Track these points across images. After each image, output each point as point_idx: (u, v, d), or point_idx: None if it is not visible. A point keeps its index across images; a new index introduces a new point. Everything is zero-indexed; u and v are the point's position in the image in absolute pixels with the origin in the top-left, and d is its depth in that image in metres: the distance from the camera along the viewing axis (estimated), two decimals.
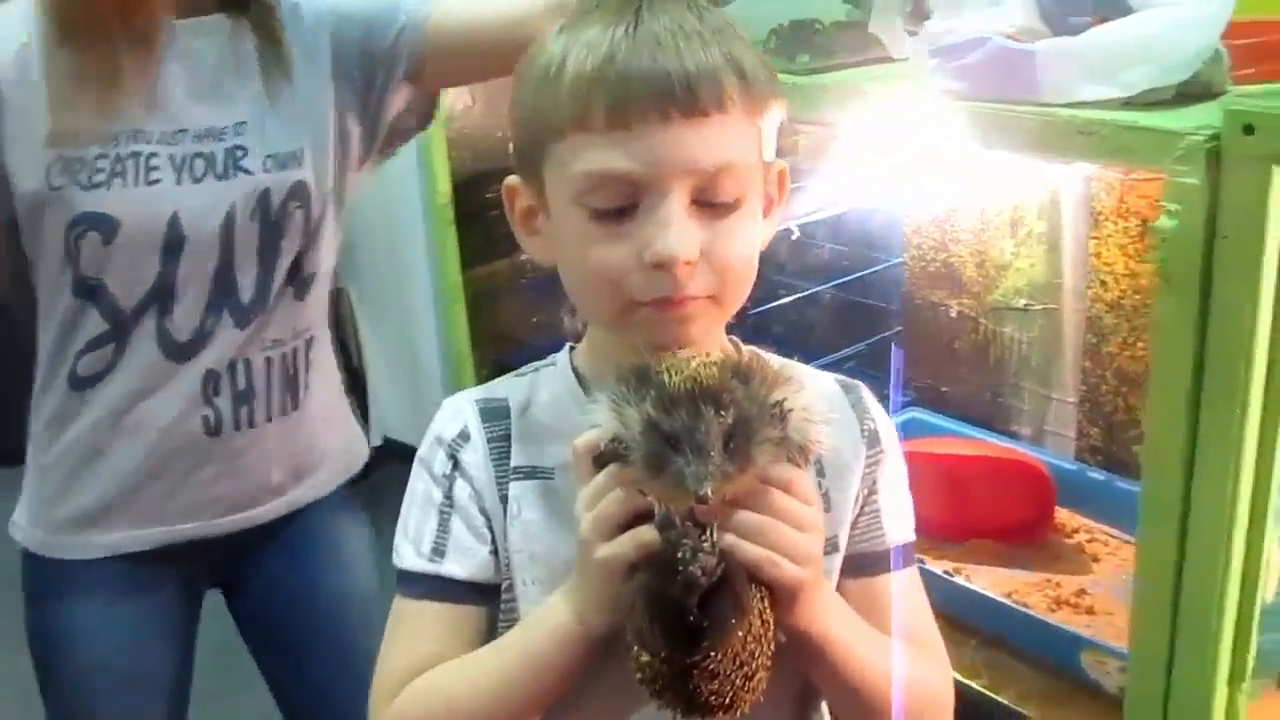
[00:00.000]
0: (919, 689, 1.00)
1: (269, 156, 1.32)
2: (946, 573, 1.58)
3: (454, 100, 2.12)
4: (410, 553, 0.99)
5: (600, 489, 0.84)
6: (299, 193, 1.34)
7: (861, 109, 1.29)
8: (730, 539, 0.82)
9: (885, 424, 1.06)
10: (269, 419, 1.39)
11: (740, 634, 0.81)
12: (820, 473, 1.00)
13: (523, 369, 1.05)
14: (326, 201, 1.37)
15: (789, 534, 0.83)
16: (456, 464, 0.99)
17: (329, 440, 1.49)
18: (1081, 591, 1.55)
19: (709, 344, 0.98)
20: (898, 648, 1.00)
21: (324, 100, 1.36)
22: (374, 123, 1.41)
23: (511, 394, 1.02)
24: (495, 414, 1.01)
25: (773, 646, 0.85)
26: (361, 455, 1.57)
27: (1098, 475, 1.70)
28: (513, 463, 0.99)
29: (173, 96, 1.30)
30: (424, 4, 1.37)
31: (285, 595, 1.51)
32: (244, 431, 1.38)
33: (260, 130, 1.32)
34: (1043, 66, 1.12)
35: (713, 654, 0.80)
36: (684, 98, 0.86)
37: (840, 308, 2.08)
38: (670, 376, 0.80)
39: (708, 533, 0.81)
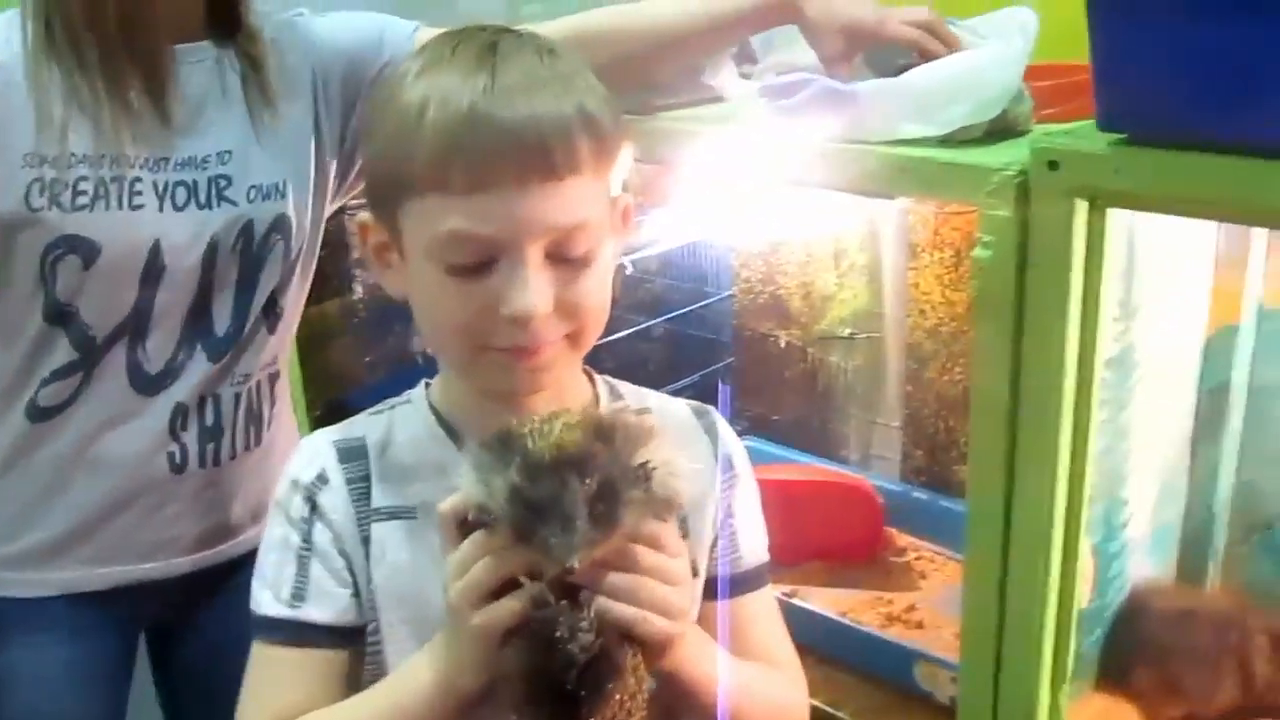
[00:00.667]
0: (784, 710, 1.06)
1: (252, 187, 1.30)
2: (784, 595, 1.62)
3: None
4: (269, 599, 0.98)
5: (468, 556, 0.85)
6: (281, 225, 1.32)
7: (693, 149, 1.34)
8: (603, 602, 0.84)
9: (738, 448, 1.11)
10: (233, 456, 1.36)
11: (617, 697, 0.84)
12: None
13: (379, 407, 1.05)
14: (305, 235, 1.35)
15: (659, 590, 0.86)
16: (315, 507, 0.99)
17: None
18: (911, 607, 1.62)
19: (565, 383, 1.01)
20: (762, 671, 1.04)
21: (305, 133, 1.34)
22: (347, 160, 1.39)
23: (369, 433, 1.02)
24: (353, 454, 1.01)
25: (646, 698, 0.88)
26: None
27: (922, 495, 1.77)
28: (374, 503, 0.99)
29: (159, 123, 1.26)
30: (407, 39, 1.35)
31: (226, 642, 1.44)
32: (209, 469, 1.35)
33: (244, 161, 1.30)
34: (866, 106, 1.18)
35: None
36: (540, 164, 0.89)
37: (673, 341, 2.12)
38: (534, 442, 0.81)
39: (585, 611, 0.83)
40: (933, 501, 1.75)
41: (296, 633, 0.98)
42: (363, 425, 1.04)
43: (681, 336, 2.10)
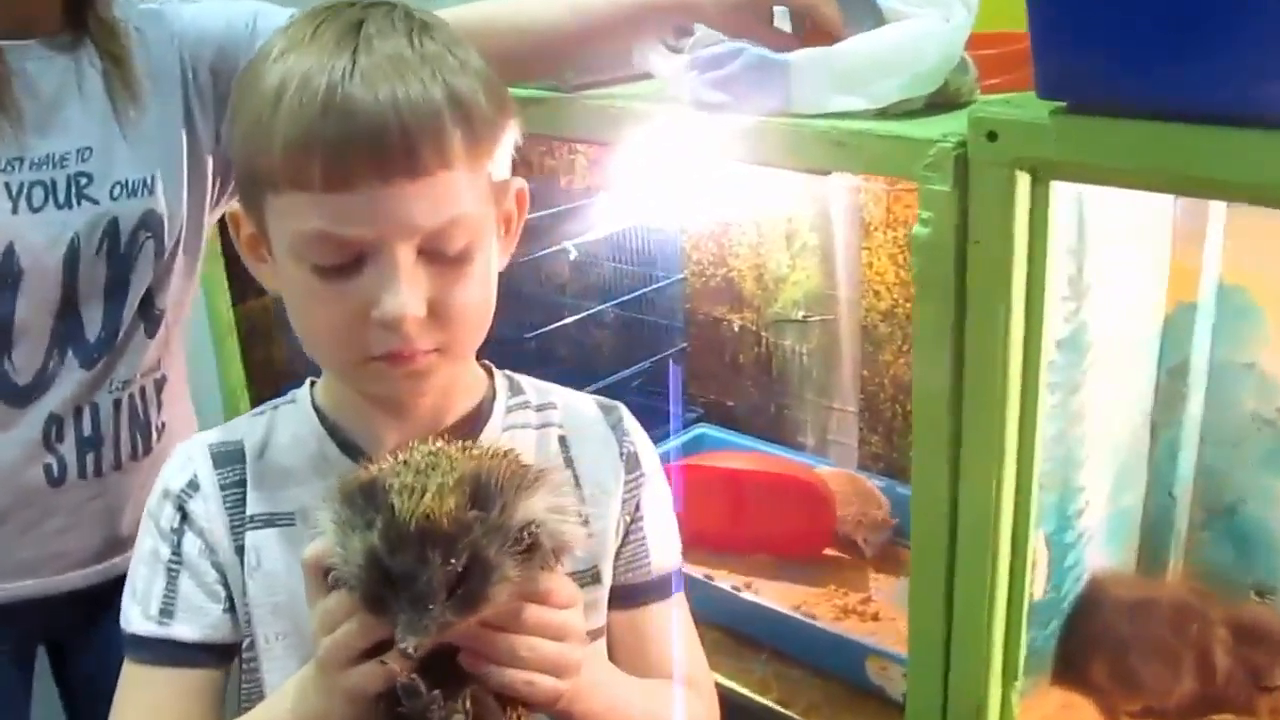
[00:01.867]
0: None
1: (117, 184, 1.21)
2: (735, 588, 1.57)
3: None
4: (138, 615, 0.92)
5: (333, 614, 0.78)
6: (150, 222, 1.24)
7: (624, 127, 1.27)
8: (486, 668, 0.78)
9: (646, 446, 1.05)
10: (118, 466, 1.28)
11: None
12: (579, 499, 0.97)
13: (261, 407, 0.99)
14: (181, 233, 1.27)
15: (548, 650, 0.80)
16: (185, 516, 0.93)
17: None
18: (866, 599, 1.56)
19: (456, 383, 0.96)
20: (668, 692, 0.99)
21: (175, 125, 1.26)
22: (225, 154, 1.31)
23: (248, 435, 0.96)
24: (228, 459, 0.95)
25: None
26: None
27: (879, 482, 1.72)
28: (249, 510, 0.93)
29: (6, 122, 1.17)
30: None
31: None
32: (90, 481, 1.27)
33: (107, 157, 1.21)
34: (795, 78, 1.13)
35: None
36: (405, 159, 0.81)
37: (624, 326, 2.07)
38: (401, 503, 0.74)
39: (461, 701, 0.77)
40: (889, 489, 1.69)
41: (165, 651, 0.92)
42: (243, 427, 0.98)
43: (632, 322, 2.04)
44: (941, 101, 1.16)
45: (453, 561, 0.73)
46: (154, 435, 1.32)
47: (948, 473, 1.10)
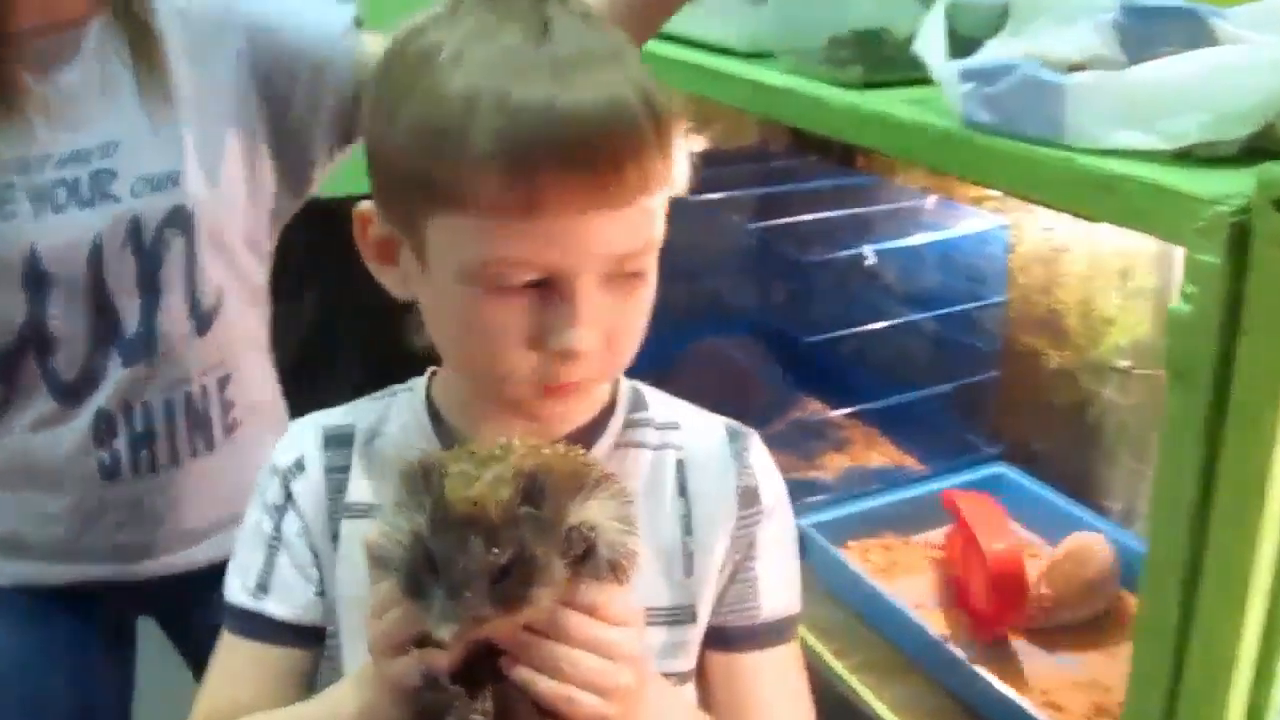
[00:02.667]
0: None
1: (140, 179, 1.19)
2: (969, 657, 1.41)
3: None
4: (237, 586, 0.92)
5: (385, 601, 0.75)
6: (176, 219, 1.21)
7: (897, 137, 1.15)
8: (524, 674, 0.73)
9: (770, 480, 0.95)
10: (175, 463, 1.29)
11: None
12: (687, 530, 0.90)
13: (380, 392, 0.96)
14: (224, 226, 1.26)
15: (592, 665, 0.74)
16: (289, 494, 0.92)
17: None
18: None
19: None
20: None
21: (219, 113, 1.24)
22: (298, 154, 1.29)
23: (361, 420, 0.94)
24: (339, 442, 0.93)
25: None
26: None
27: None
28: (349, 498, 0.91)
29: (31, 119, 1.18)
30: (356, 38, 1.25)
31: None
32: (145, 476, 1.27)
33: (133, 150, 1.20)
34: (1072, 103, 0.96)
35: None
36: (614, 190, 0.75)
37: (933, 341, 1.91)
38: (453, 486, 0.70)
39: (480, 701, 0.73)
40: None
41: (257, 625, 0.92)
42: (360, 411, 0.95)
43: (942, 339, 1.87)
44: (1262, 147, 0.95)
45: (495, 552, 0.69)
46: (220, 432, 1.31)
47: (1179, 603, 0.91)
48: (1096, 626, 1.48)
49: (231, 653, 0.92)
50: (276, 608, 0.91)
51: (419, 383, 0.95)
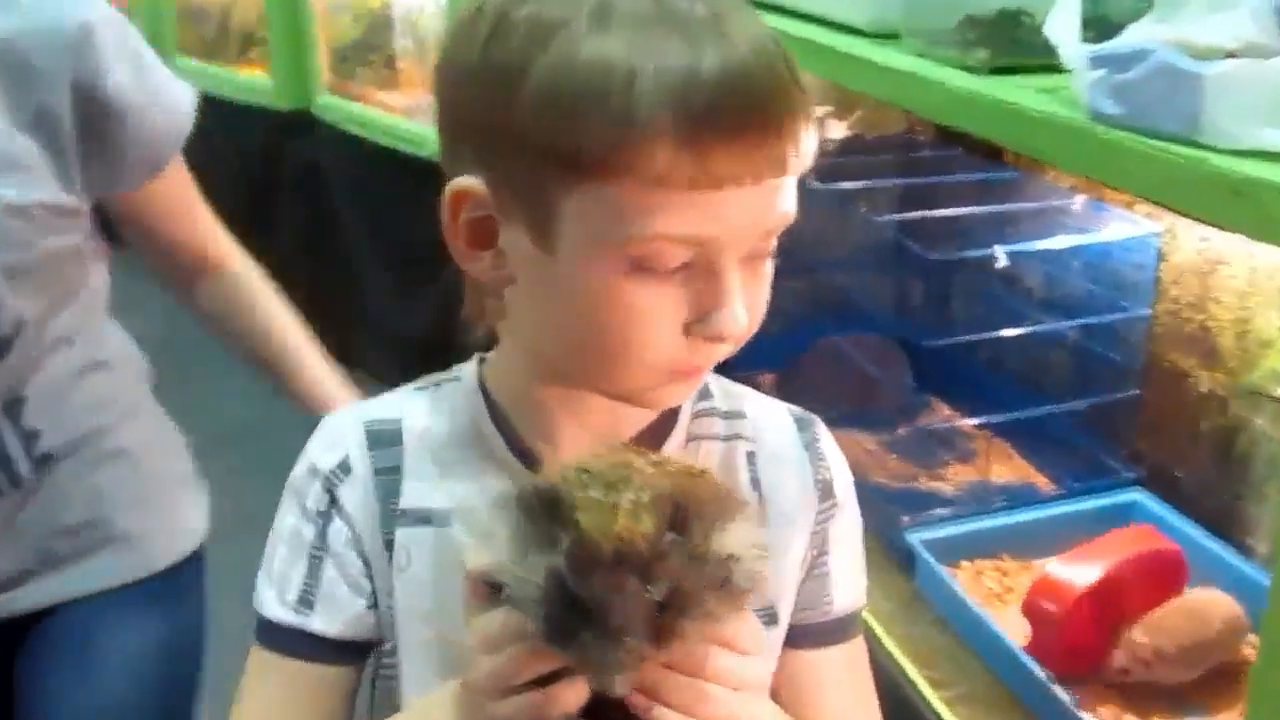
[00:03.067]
0: None
1: None
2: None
3: None
4: (273, 599, 0.85)
5: (497, 636, 0.67)
6: None
7: (1019, 132, 1.04)
8: (656, 712, 0.67)
9: (841, 471, 0.90)
10: None
11: None
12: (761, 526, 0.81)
13: (422, 381, 0.88)
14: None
15: (724, 698, 0.68)
16: (334, 500, 0.84)
17: (108, 524, 1.26)
18: None
19: None
20: None
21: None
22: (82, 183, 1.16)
23: (407, 414, 0.86)
24: (384, 439, 0.85)
25: None
26: (189, 540, 1.35)
27: None
28: (403, 503, 0.84)
29: None
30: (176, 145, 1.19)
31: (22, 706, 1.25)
32: None
33: None
34: (1211, 96, 0.84)
35: None
36: (779, 157, 0.70)
37: (1070, 352, 1.78)
38: (590, 521, 0.63)
39: None
40: None
41: (300, 643, 0.84)
42: (400, 403, 0.88)
43: (1082, 350, 1.74)
44: None
45: (649, 590, 0.63)
46: (22, 467, 1.19)
47: None
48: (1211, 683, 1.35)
49: (269, 671, 0.85)
50: (323, 623, 0.84)
51: (466, 371, 0.87)
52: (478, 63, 0.73)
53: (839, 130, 2.08)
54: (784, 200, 0.73)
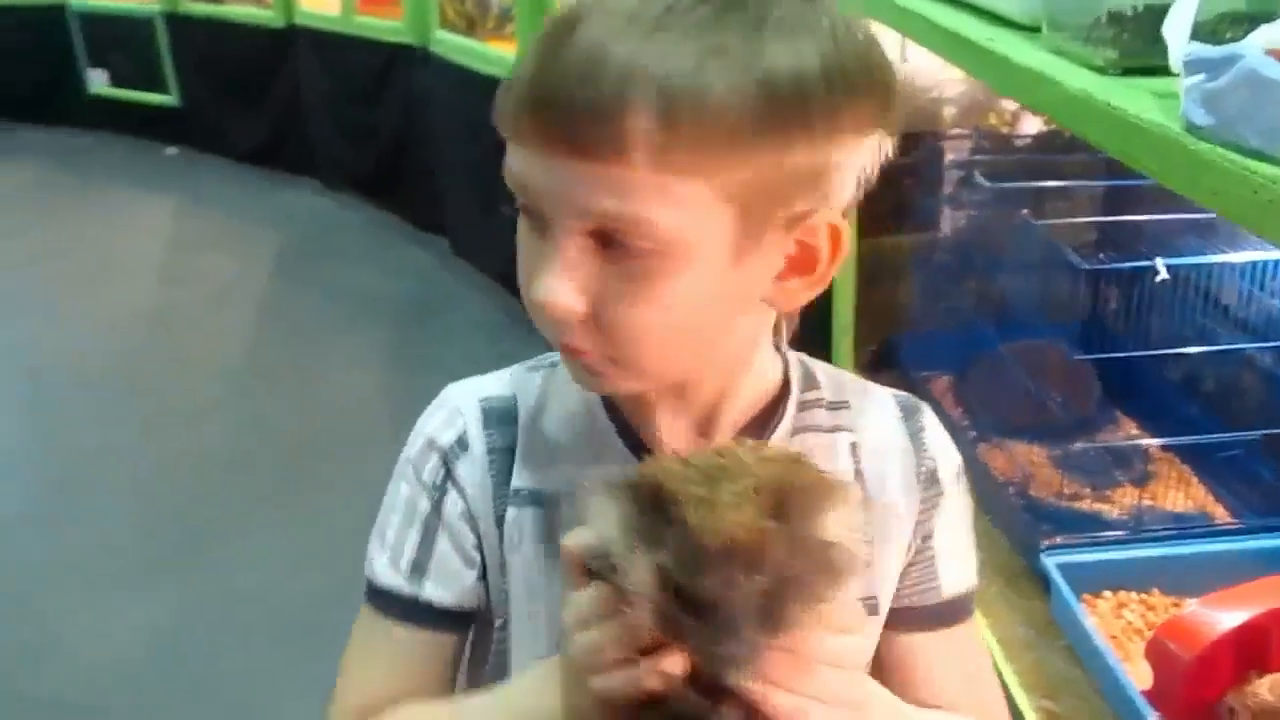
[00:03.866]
0: None
1: None
2: None
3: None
4: (385, 565, 0.88)
5: (591, 611, 0.70)
6: None
7: (1111, 133, 0.96)
8: (758, 689, 0.67)
9: (947, 458, 0.90)
10: None
11: None
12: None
13: (534, 362, 0.91)
14: None
15: (825, 678, 0.68)
16: (450, 474, 0.87)
17: None
18: None
19: (736, 371, 0.84)
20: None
21: None
22: None
23: (522, 395, 0.89)
24: (500, 418, 0.88)
25: None
26: None
27: None
28: (514, 483, 0.86)
29: None
30: None
31: None
32: None
33: None
34: None
35: None
36: (583, 143, 0.69)
37: (1262, 377, 1.63)
38: (695, 516, 0.64)
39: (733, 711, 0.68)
40: None
41: (412, 610, 0.87)
42: (515, 383, 0.90)
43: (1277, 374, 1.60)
44: None
45: (758, 579, 0.64)
46: None
47: None
48: None
49: (377, 635, 0.89)
50: (437, 592, 0.87)
51: None
52: None
53: (1035, 125, 1.97)
54: (616, 190, 0.69)
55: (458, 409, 0.89)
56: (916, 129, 1.96)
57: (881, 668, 0.90)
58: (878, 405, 0.90)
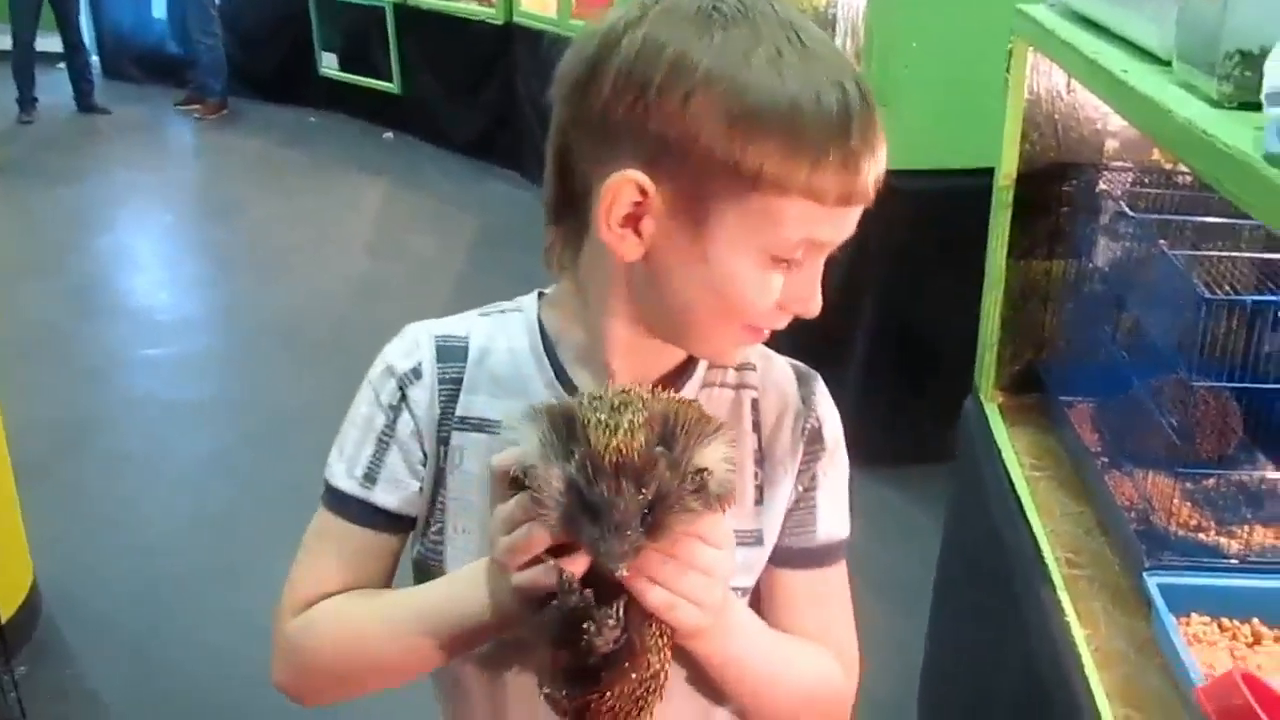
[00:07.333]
0: (821, 695, 1.03)
1: None
2: None
3: (1052, 82, 1.94)
4: (342, 472, 1.03)
5: (516, 516, 0.85)
6: None
7: (1209, 162, 1.03)
8: (640, 584, 0.83)
9: (832, 422, 1.06)
10: None
11: (635, 675, 0.86)
12: (758, 463, 1.02)
13: (488, 308, 1.06)
14: None
15: (696, 581, 0.84)
16: (405, 398, 1.01)
17: None
18: None
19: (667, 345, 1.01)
20: (804, 651, 1.02)
21: None
22: None
23: (473, 335, 1.03)
24: (452, 355, 1.02)
25: (668, 674, 0.89)
26: None
27: None
28: (459, 411, 1.01)
29: None
30: None
31: None
32: None
33: None
34: None
35: (609, 694, 0.85)
36: (879, 181, 0.89)
37: None
38: (599, 437, 0.79)
39: (615, 606, 0.83)
40: None
41: (362, 512, 1.02)
42: (469, 325, 1.04)
43: None
44: None
45: (644, 492, 0.79)
46: None
47: None
48: None
49: (331, 531, 1.03)
50: (384, 497, 1.01)
51: (527, 303, 1.04)
52: (659, 85, 0.85)
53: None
54: (854, 219, 0.91)
55: (416, 342, 1.03)
56: (1077, 159, 2.01)
57: (759, 597, 1.04)
58: (778, 370, 1.06)
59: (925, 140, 3.00)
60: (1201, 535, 1.73)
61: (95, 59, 8.47)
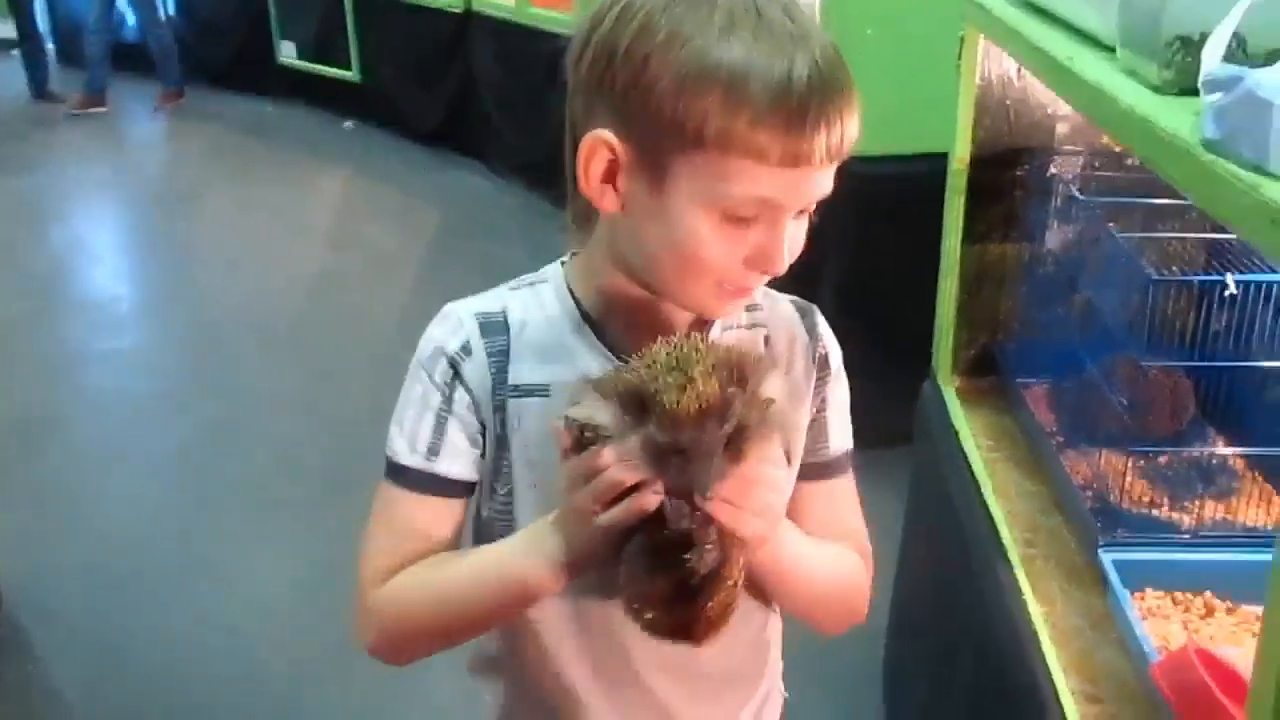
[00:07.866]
0: (852, 586, 1.17)
1: None
2: None
3: (1004, 68, 1.96)
4: (404, 448, 1.09)
5: (588, 466, 0.92)
6: None
7: (1146, 144, 1.05)
8: (715, 504, 0.90)
9: (834, 349, 1.18)
10: None
11: (731, 582, 0.95)
12: None
13: (516, 282, 1.12)
14: None
15: (761, 495, 0.93)
16: (457, 374, 1.08)
17: None
18: None
19: None
20: (836, 552, 1.14)
21: None
22: None
23: (510, 310, 1.09)
24: (494, 329, 1.09)
25: (740, 582, 0.97)
26: None
27: None
28: (510, 379, 1.07)
29: None
30: None
31: None
32: None
33: None
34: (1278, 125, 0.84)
35: (709, 604, 0.94)
36: (837, 146, 0.93)
37: None
38: (674, 397, 0.87)
39: (711, 529, 0.92)
40: None
41: (428, 482, 1.09)
42: (502, 300, 1.10)
43: None
44: None
45: (725, 427, 0.89)
46: None
47: None
48: None
49: (400, 505, 1.10)
50: (447, 466, 1.09)
51: (552, 273, 1.11)
52: (625, 49, 0.94)
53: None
54: (829, 179, 0.96)
55: (460, 321, 1.10)
56: (1029, 144, 2.03)
57: (794, 511, 1.10)
58: (782, 305, 1.16)
59: (880, 126, 3.01)
60: (1155, 511, 1.77)
61: (51, 46, 8.35)
